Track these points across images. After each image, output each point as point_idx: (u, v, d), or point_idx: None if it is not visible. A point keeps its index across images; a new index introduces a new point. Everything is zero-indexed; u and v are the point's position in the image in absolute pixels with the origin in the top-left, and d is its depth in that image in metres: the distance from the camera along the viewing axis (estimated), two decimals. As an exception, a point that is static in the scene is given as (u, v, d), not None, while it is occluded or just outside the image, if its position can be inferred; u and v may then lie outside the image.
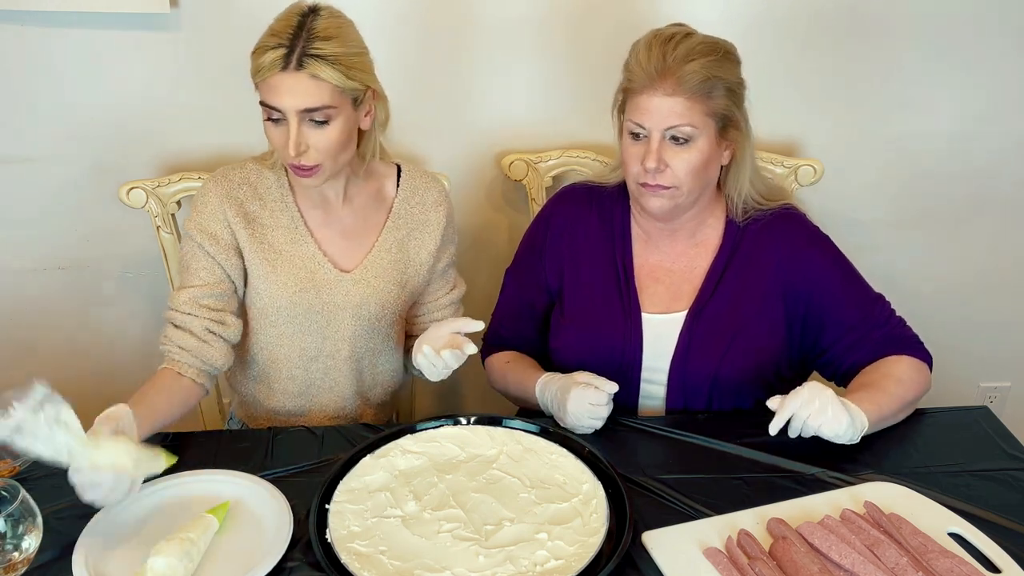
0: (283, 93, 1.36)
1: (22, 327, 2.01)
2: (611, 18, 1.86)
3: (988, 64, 1.98)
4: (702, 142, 1.41)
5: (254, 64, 1.38)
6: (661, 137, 1.40)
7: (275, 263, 1.52)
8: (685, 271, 1.54)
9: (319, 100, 1.37)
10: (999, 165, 2.08)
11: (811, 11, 1.89)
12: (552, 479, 1.29)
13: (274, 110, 1.37)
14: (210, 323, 1.48)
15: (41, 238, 1.94)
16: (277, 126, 1.39)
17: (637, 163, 1.43)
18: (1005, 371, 2.34)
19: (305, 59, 1.35)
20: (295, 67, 1.35)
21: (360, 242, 1.57)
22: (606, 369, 1.51)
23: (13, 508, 1.04)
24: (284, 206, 1.54)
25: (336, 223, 1.56)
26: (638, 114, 1.41)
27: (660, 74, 1.38)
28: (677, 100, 1.38)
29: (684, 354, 1.50)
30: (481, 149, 1.98)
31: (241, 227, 1.50)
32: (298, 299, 1.53)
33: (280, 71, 1.35)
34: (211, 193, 1.51)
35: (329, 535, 1.18)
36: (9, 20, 1.74)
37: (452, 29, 1.86)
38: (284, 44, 1.35)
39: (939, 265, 2.18)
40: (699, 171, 1.42)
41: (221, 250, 1.50)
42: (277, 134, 1.40)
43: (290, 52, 1.35)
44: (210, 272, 1.50)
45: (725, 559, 1.15)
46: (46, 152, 1.86)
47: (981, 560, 1.15)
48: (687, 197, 1.44)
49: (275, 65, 1.35)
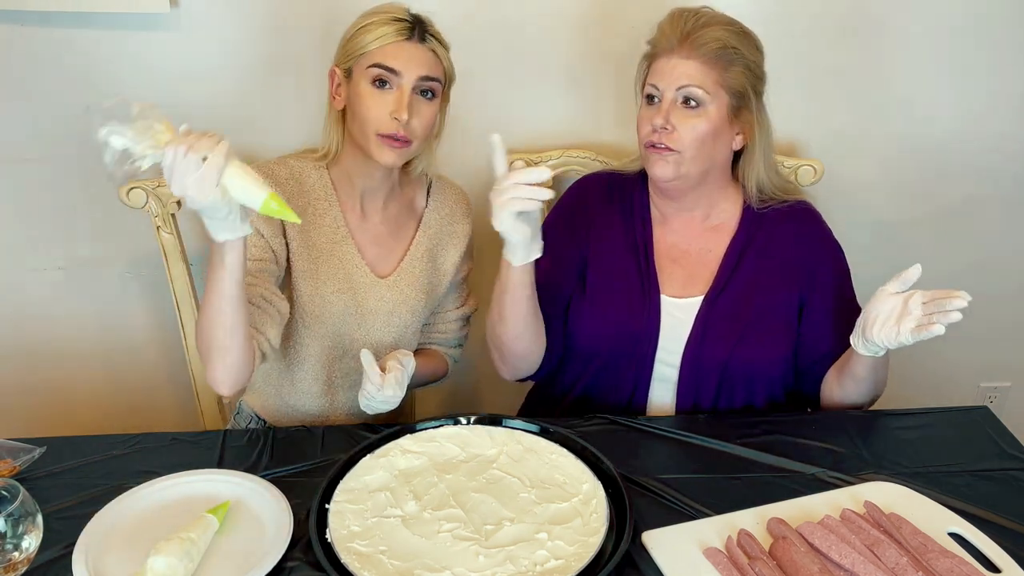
0: (403, 57, 1.41)
1: (22, 327, 2.01)
2: (612, 18, 1.86)
3: (988, 64, 1.98)
4: (712, 111, 1.43)
5: (368, 35, 1.41)
6: (673, 99, 1.44)
7: (317, 261, 1.53)
8: (701, 253, 1.56)
9: (437, 70, 1.45)
10: (999, 165, 2.08)
11: (811, 11, 1.90)
12: (552, 479, 1.29)
13: (390, 71, 1.41)
14: (264, 291, 1.44)
15: (41, 238, 1.94)
16: (383, 91, 1.42)
17: (648, 124, 1.46)
18: (1005, 371, 2.34)
19: (427, 36, 1.44)
20: (419, 39, 1.43)
21: (392, 249, 1.59)
22: (622, 349, 1.54)
23: (13, 508, 1.04)
24: (328, 205, 1.54)
25: (371, 229, 1.57)
26: (655, 76, 1.46)
27: (680, 39, 1.43)
28: (692, 63, 1.42)
29: (699, 339, 1.52)
30: (481, 149, 1.97)
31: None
32: (335, 299, 1.54)
33: (405, 39, 1.41)
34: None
35: (329, 535, 1.18)
36: (9, 20, 1.74)
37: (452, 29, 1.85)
38: (405, 20, 1.42)
39: (939, 265, 2.17)
40: (704, 140, 1.44)
41: (274, 233, 1.49)
42: (381, 100, 1.42)
43: (412, 27, 1.42)
44: (262, 249, 1.48)
45: (725, 559, 1.15)
46: (46, 152, 1.86)
47: (981, 560, 1.15)
48: (691, 166, 1.46)
49: (401, 33, 1.41)
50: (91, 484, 1.28)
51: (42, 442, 1.35)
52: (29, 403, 2.06)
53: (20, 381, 2.05)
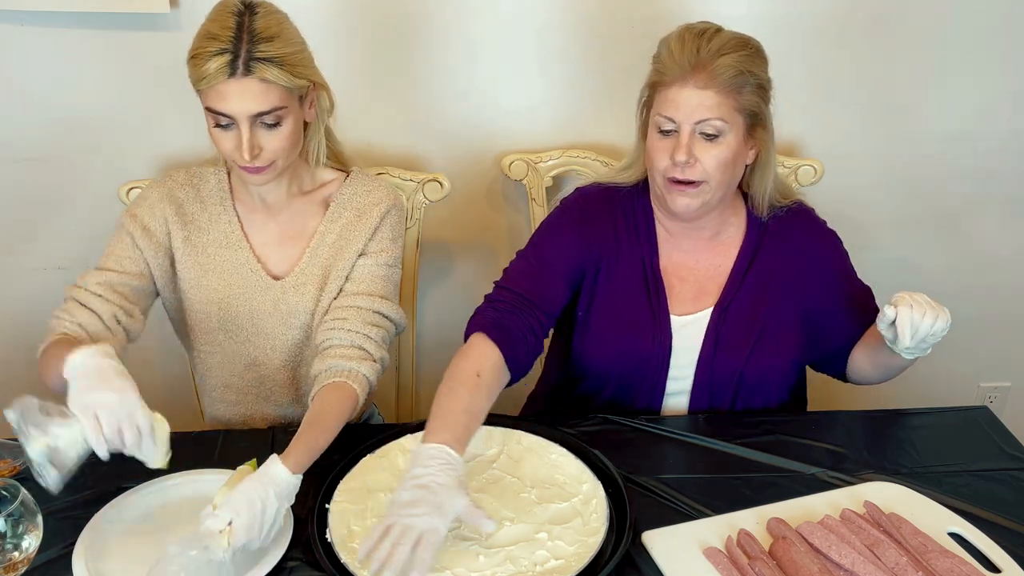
0: (232, 99, 1.31)
1: (22, 327, 2.00)
2: (613, 17, 1.85)
3: (987, 63, 1.98)
4: (731, 138, 1.39)
5: (196, 71, 1.31)
6: (691, 131, 1.38)
7: (206, 268, 1.50)
8: (709, 269, 1.53)
9: (270, 103, 1.33)
10: (999, 164, 2.08)
11: (811, 12, 1.89)
12: (552, 479, 1.29)
13: (223, 116, 1.33)
14: (119, 311, 1.41)
15: (41, 238, 1.94)
16: (226, 131, 1.35)
17: (666, 157, 1.40)
18: (1005, 371, 2.34)
19: (252, 64, 1.30)
20: (243, 72, 1.30)
21: (295, 247, 1.52)
22: (634, 372, 1.51)
23: (13, 508, 1.04)
24: (223, 209, 1.51)
25: (275, 227, 1.52)
26: (669, 107, 1.39)
27: (693, 67, 1.36)
28: (708, 93, 1.36)
29: (711, 353, 1.50)
30: (481, 149, 1.97)
31: (178, 228, 1.48)
32: (226, 306, 1.50)
33: (228, 78, 1.30)
34: (153, 190, 1.50)
35: (329, 535, 1.18)
36: (9, 20, 1.74)
37: (452, 29, 1.86)
38: (228, 49, 1.29)
39: (939, 264, 2.18)
40: (727, 167, 1.40)
41: (151, 245, 1.47)
42: (226, 139, 1.35)
43: (235, 57, 1.29)
44: (133, 262, 1.46)
45: (725, 559, 1.15)
46: (46, 152, 1.86)
47: (981, 560, 1.15)
48: (714, 194, 1.42)
49: (221, 72, 1.29)
50: (91, 484, 1.28)
51: (42, 442, 1.35)
52: (29, 403, 2.06)
53: (20, 381, 2.05)
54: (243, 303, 1.51)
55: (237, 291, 1.50)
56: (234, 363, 1.55)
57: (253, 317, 1.51)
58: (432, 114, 1.93)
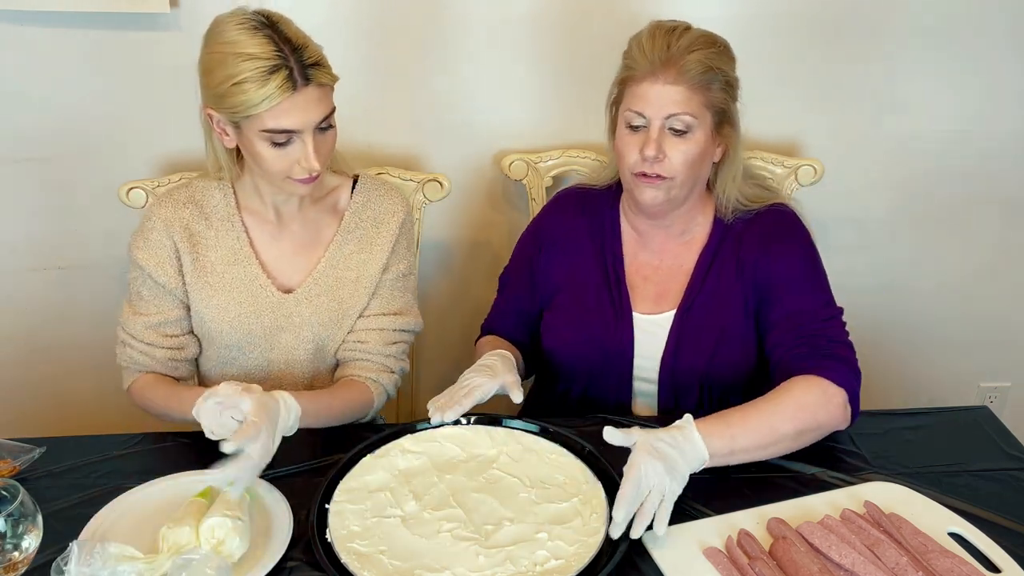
0: (296, 113, 1.29)
1: (22, 327, 2.01)
2: (611, 17, 1.86)
3: (987, 63, 1.98)
4: (699, 134, 1.41)
5: (248, 96, 1.28)
6: (661, 126, 1.40)
7: (215, 286, 1.48)
8: (672, 268, 1.55)
9: (328, 106, 1.34)
10: (999, 164, 2.08)
11: (811, 11, 1.89)
12: (552, 479, 1.29)
13: (284, 133, 1.31)
14: (171, 351, 1.49)
15: (41, 238, 1.94)
16: (283, 148, 1.32)
17: (635, 152, 1.42)
18: (1005, 371, 2.34)
19: (309, 71, 1.29)
20: (303, 83, 1.29)
21: (308, 258, 1.51)
22: (598, 369, 1.54)
23: (13, 508, 1.04)
24: (230, 225, 1.49)
25: (287, 238, 1.51)
26: (638, 102, 1.41)
27: (663, 63, 1.39)
28: (678, 89, 1.38)
29: (674, 353, 1.52)
30: (481, 149, 1.98)
31: (186, 250, 1.47)
32: (238, 324, 1.49)
33: (292, 93, 1.28)
34: (156, 217, 1.47)
35: (329, 535, 1.18)
36: (9, 20, 1.74)
37: (452, 29, 1.86)
38: (280, 64, 1.27)
39: (939, 264, 2.18)
40: (695, 163, 1.43)
41: (170, 278, 1.47)
42: (282, 156, 1.33)
43: (291, 71, 1.28)
44: (162, 300, 1.48)
45: (725, 559, 1.15)
46: (46, 152, 1.86)
47: (981, 560, 1.15)
48: (680, 189, 1.45)
49: (284, 89, 1.27)
50: (91, 484, 1.29)
51: (42, 442, 1.35)
52: (29, 403, 2.06)
53: (20, 381, 2.05)
54: (255, 320, 1.49)
55: (248, 309, 1.49)
56: (249, 377, 1.53)
57: (267, 334, 1.51)
58: (432, 114, 1.93)
